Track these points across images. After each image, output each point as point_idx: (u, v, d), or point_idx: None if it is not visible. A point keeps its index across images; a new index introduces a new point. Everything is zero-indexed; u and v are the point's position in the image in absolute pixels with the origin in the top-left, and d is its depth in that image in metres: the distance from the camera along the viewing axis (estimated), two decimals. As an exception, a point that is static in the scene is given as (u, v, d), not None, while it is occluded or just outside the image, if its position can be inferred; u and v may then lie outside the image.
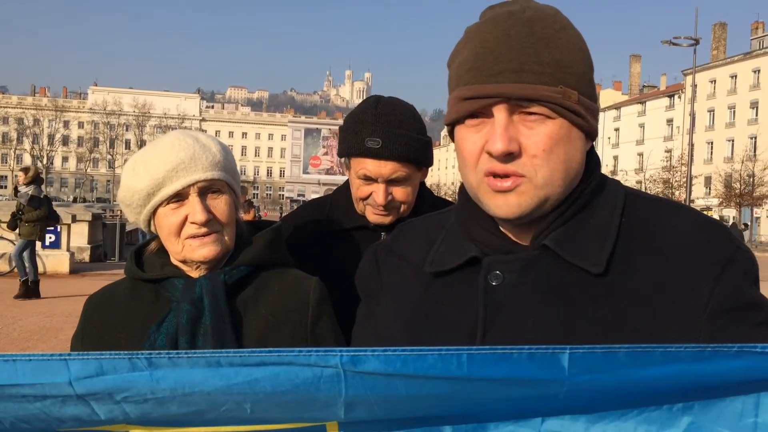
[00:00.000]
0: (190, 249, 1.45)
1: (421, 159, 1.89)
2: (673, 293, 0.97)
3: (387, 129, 1.83)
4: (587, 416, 0.84)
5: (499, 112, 0.97)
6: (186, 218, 1.44)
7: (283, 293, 1.53)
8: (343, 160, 1.96)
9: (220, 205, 1.47)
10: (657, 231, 1.02)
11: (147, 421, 0.87)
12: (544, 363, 0.78)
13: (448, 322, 1.06)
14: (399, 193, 1.86)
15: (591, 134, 1.03)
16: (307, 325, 1.52)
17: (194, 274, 1.50)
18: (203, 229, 1.44)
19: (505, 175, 0.98)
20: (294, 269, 1.62)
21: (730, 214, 60.74)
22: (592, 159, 1.08)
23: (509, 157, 0.97)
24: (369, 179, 1.85)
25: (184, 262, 1.49)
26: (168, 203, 1.44)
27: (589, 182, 1.05)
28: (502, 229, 1.07)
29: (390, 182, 1.85)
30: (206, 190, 1.45)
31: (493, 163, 0.98)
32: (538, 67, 0.96)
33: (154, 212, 1.47)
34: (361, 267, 1.27)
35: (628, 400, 0.83)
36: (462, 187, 1.12)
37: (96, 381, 0.81)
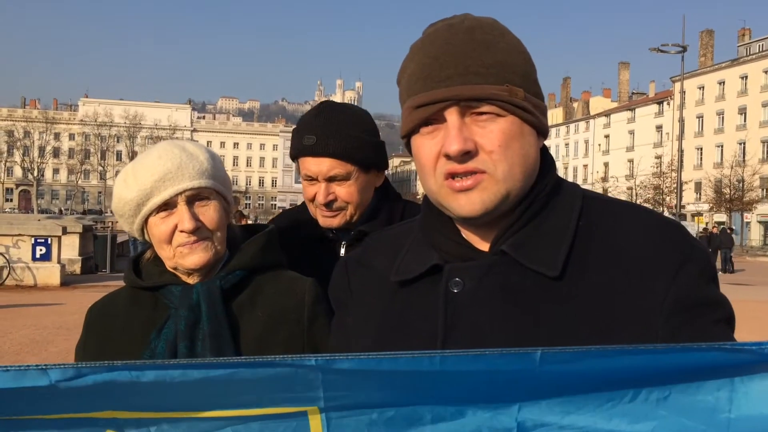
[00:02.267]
0: (181, 256, 1.48)
1: (365, 159, 1.85)
2: (630, 293, 0.99)
3: (322, 126, 1.83)
4: (563, 406, 0.86)
5: (451, 114, 1.00)
6: (176, 226, 1.47)
7: (278, 295, 1.56)
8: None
9: (208, 212, 1.49)
10: (614, 232, 1.04)
11: (133, 407, 0.90)
12: (516, 359, 0.82)
13: (412, 331, 1.08)
14: (342, 192, 1.82)
15: (542, 131, 1.07)
16: (303, 325, 1.54)
17: (190, 280, 1.53)
18: (192, 237, 1.46)
19: (466, 174, 1.00)
20: (288, 271, 1.65)
21: (720, 219, 61.06)
22: (546, 161, 1.10)
23: (467, 156, 0.99)
24: (311, 179, 1.85)
25: (176, 269, 1.52)
26: (157, 212, 1.48)
27: (545, 185, 1.07)
28: (463, 235, 1.10)
29: (331, 180, 1.82)
30: (194, 198, 1.48)
31: (451, 164, 1.00)
32: (483, 69, 1.00)
33: (146, 221, 1.51)
34: (332, 279, 1.28)
35: (601, 390, 0.85)
36: (425, 197, 1.14)
37: (77, 381, 0.85)
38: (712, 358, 0.80)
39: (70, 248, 17.64)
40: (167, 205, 1.47)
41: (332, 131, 1.82)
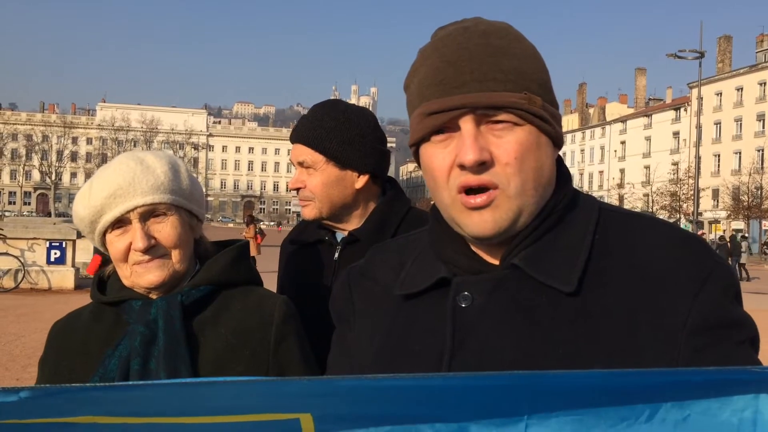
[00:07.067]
0: (137, 275, 1.42)
1: (335, 151, 1.81)
2: (650, 311, 0.94)
3: (308, 115, 1.87)
4: (573, 425, 0.80)
5: (466, 123, 0.95)
6: (130, 245, 1.41)
7: (245, 313, 1.48)
8: None
9: (164, 229, 1.43)
10: (632, 247, 1.00)
11: (112, 413, 0.86)
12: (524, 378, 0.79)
13: (418, 346, 1.03)
14: (309, 180, 1.84)
15: (557, 141, 1.02)
16: (269, 345, 1.46)
17: (152, 295, 1.46)
18: (146, 256, 1.41)
19: (479, 189, 0.96)
20: (260, 288, 1.58)
21: (738, 226, 60.39)
22: (562, 173, 1.05)
23: (482, 167, 0.94)
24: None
25: (133, 287, 1.46)
26: (112, 229, 1.42)
27: (561, 198, 1.03)
28: (473, 248, 1.05)
29: (302, 167, 1.85)
30: (148, 214, 1.41)
31: (465, 176, 0.95)
32: (500, 75, 0.95)
33: (104, 236, 1.45)
34: (334, 291, 1.24)
35: (616, 408, 0.80)
36: (433, 207, 1.10)
37: (46, 398, 0.82)
38: (735, 380, 0.77)
39: (84, 252, 17.71)
40: (121, 222, 1.41)
41: (307, 120, 1.85)
